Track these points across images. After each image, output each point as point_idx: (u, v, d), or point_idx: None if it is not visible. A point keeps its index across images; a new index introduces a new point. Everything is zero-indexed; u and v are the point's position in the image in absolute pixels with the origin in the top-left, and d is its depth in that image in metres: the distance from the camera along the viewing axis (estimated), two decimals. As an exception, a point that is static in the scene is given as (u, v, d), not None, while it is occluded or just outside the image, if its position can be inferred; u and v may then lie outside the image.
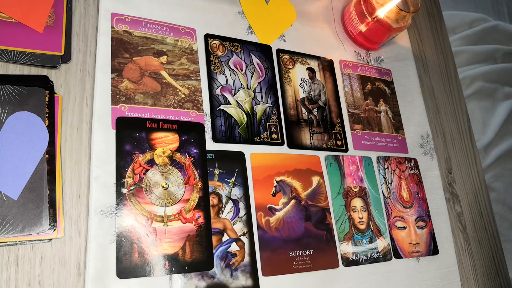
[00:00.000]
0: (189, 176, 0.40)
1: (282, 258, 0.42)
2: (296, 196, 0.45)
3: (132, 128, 0.39)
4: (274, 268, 0.41)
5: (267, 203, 0.43)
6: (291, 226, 0.44)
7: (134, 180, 0.38)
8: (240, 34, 0.50)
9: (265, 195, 0.44)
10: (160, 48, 0.44)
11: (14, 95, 0.36)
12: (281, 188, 0.45)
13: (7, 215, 0.34)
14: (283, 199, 0.44)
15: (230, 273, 0.40)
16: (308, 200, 0.46)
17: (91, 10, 0.43)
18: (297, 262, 0.43)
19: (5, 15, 0.38)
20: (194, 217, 0.39)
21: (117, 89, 0.41)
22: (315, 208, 0.46)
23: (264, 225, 0.42)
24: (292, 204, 0.45)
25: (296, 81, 0.52)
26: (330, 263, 0.44)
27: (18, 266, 0.34)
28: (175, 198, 0.39)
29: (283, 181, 0.45)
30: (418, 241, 0.52)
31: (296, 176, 0.46)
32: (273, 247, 0.42)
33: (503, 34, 1.26)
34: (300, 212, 0.45)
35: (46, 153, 0.36)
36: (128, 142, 0.39)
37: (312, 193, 0.46)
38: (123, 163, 0.38)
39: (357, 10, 0.55)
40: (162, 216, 0.38)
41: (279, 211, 0.44)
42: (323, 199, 0.47)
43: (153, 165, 0.39)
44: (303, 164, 0.46)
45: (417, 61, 0.63)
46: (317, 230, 0.45)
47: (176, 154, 0.40)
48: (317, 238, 0.44)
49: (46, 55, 0.39)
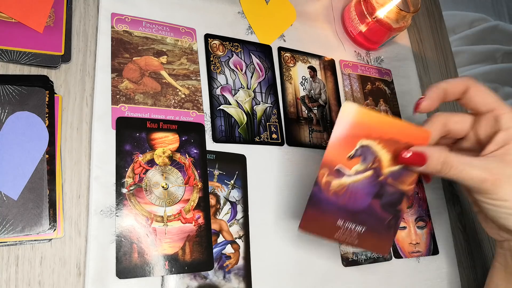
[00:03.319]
0: (189, 176, 0.40)
1: (327, 222, 0.38)
2: (376, 169, 0.38)
3: (132, 128, 0.39)
4: (314, 227, 0.37)
5: (338, 163, 0.37)
6: (353, 196, 0.38)
7: (134, 180, 0.38)
8: (240, 34, 0.50)
9: (340, 154, 0.37)
10: (160, 48, 0.44)
11: (14, 95, 0.36)
12: (362, 154, 0.38)
13: (7, 215, 0.34)
14: (359, 166, 0.38)
15: (223, 275, 0.40)
16: (390, 178, 0.38)
17: (91, 10, 0.43)
18: (342, 233, 0.38)
19: (5, 15, 0.38)
20: (194, 218, 0.39)
21: (117, 89, 0.41)
22: (392, 189, 0.39)
23: (323, 184, 0.37)
24: (367, 175, 0.38)
25: (296, 79, 0.52)
26: (379, 247, 0.39)
27: (18, 266, 0.34)
28: (175, 198, 0.39)
29: (369, 148, 0.38)
30: (418, 241, 0.52)
31: (390, 146, 0.38)
32: (322, 208, 0.37)
33: (503, 34, 1.26)
34: (373, 187, 0.38)
35: (46, 153, 0.36)
36: (128, 142, 0.39)
37: (399, 172, 0.38)
38: (123, 163, 0.38)
39: (357, 10, 0.55)
40: (162, 216, 0.38)
41: (347, 177, 0.38)
42: (409, 182, 0.39)
43: (153, 165, 0.39)
44: (406, 136, 0.38)
45: (417, 61, 0.63)
46: (383, 212, 0.39)
47: (176, 154, 0.40)
48: (378, 220, 0.39)
49: (46, 55, 0.39)
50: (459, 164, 0.35)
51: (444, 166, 0.35)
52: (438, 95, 0.39)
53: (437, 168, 0.36)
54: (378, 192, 0.38)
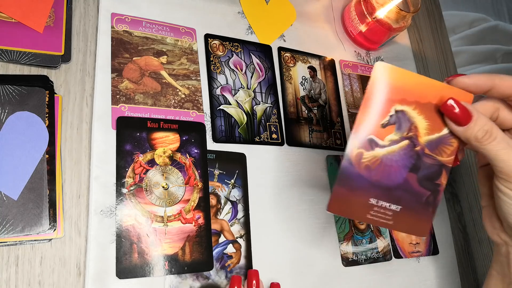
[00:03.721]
0: (189, 176, 0.40)
1: (358, 201, 0.34)
2: (412, 137, 0.34)
3: (132, 128, 0.39)
4: (344, 207, 0.34)
5: (370, 133, 0.33)
6: (387, 170, 0.34)
7: (135, 180, 0.38)
8: (240, 34, 0.50)
9: (372, 122, 0.33)
10: (160, 48, 0.44)
11: (14, 95, 0.36)
12: (397, 121, 0.34)
13: (7, 215, 0.34)
14: (393, 135, 0.34)
15: (225, 274, 0.40)
16: (427, 148, 0.34)
17: (91, 10, 0.43)
18: (375, 213, 0.34)
19: (5, 15, 0.38)
20: (194, 218, 0.39)
21: (117, 89, 0.41)
22: (431, 161, 0.35)
23: (354, 158, 0.33)
24: (403, 145, 0.34)
25: (297, 79, 0.52)
26: (416, 229, 0.35)
27: (18, 266, 0.34)
28: (175, 199, 0.39)
29: (405, 113, 0.34)
30: (418, 241, 0.52)
31: (427, 111, 0.34)
32: (353, 185, 0.34)
33: (503, 34, 1.26)
34: (409, 158, 0.34)
35: (46, 153, 0.36)
36: (129, 142, 0.39)
37: (437, 141, 0.34)
38: (123, 163, 0.38)
39: (357, 10, 0.55)
40: (162, 216, 0.38)
41: (381, 148, 0.34)
42: (449, 153, 0.35)
43: (153, 165, 0.39)
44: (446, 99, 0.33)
45: (417, 61, 0.63)
46: (420, 187, 0.35)
47: (177, 154, 0.40)
48: (415, 196, 0.35)
49: (46, 55, 0.39)
50: (502, 141, 0.33)
51: (486, 135, 0.32)
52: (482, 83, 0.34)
53: (478, 134, 0.32)
54: (415, 164, 0.34)
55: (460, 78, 0.34)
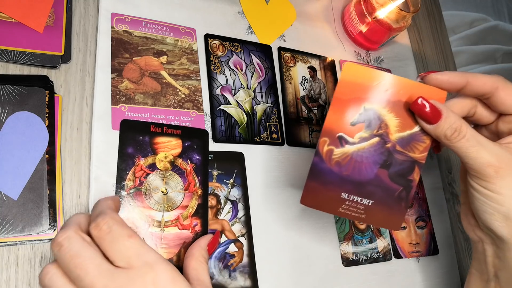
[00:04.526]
0: (189, 182, 0.40)
1: (330, 196, 0.35)
2: (383, 135, 0.35)
3: (135, 131, 0.39)
4: (316, 200, 0.35)
5: (339, 131, 0.34)
6: (358, 166, 0.35)
7: (134, 184, 0.38)
8: (240, 34, 0.50)
9: (341, 120, 0.34)
10: (160, 48, 0.44)
11: (14, 95, 0.36)
12: (366, 119, 0.34)
13: (7, 215, 0.34)
14: (363, 132, 0.35)
15: (228, 274, 0.40)
16: (398, 145, 0.35)
17: (91, 10, 0.43)
18: (347, 207, 0.35)
19: (5, 15, 0.38)
20: (191, 225, 0.39)
21: (117, 89, 0.41)
22: (402, 157, 0.35)
23: (324, 154, 0.34)
24: (373, 142, 0.35)
25: (297, 79, 0.52)
26: (389, 222, 0.36)
27: (18, 266, 0.34)
28: (174, 204, 0.39)
29: (374, 111, 0.34)
30: (418, 241, 0.52)
31: (398, 109, 0.34)
32: (324, 180, 0.35)
33: (503, 34, 1.26)
34: (379, 155, 0.35)
35: (46, 153, 0.36)
36: (131, 145, 0.39)
37: (409, 138, 0.35)
38: (124, 165, 0.38)
39: (357, 10, 0.55)
40: (160, 221, 0.38)
41: (350, 145, 0.35)
42: (421, 149, 0.35)
43: (154, 170, 0.39)
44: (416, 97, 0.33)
45: (417, 61, 0.63)
46: (391, 183, 0.35)
47: (178, 159, 0.40)
48: (387, 191, 0.35)
49: (46, 55, 0.39)
50: (471, 138, 0.33)
51: (455, 133, 0.33)
52: (455, 81, 0.34)
53: (448, 132, 0.33)
54: (386, 160, 0.35)
55: (433, 75, 0.34)
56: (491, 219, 0.34)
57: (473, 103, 0.37)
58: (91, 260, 0.28)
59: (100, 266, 0.28)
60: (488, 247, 0.37)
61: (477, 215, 0.36)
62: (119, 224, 0.30)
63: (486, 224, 0.35)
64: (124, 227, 0.30)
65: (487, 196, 0.34)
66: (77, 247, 0.28)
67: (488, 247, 0.37)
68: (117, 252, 0.29)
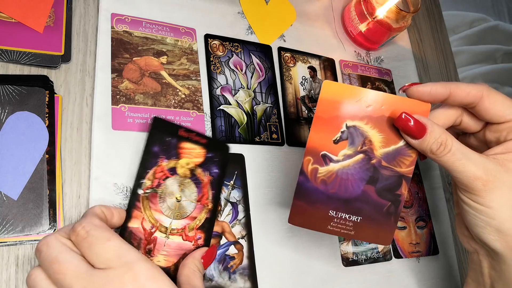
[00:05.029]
0: (203, 194, 0.39)
1: (318, 214, 0.35)
2: (367, 151, 0.34)
3: (165, 132, 0.38)
4: (304, 219, 0.35)
5: (323, 149, 0.34)
6: (344, 183, 0.35)
7: (152, 184, 0.37)
8: (240, 34, 0.50)
9: (323, 138, 0.34)
10: (160, 48, 0.44)
11: (14, 95, 0.36)
12: (349, 136, 0.34)
13: (7, 215, 0.34)
14: (347, 150, 0.34)
15: (228, 276, 0.40)
16: (384, 161, 0.35)
17: (91, 10, 0.43)
18: (335, 224, 0.35)
19: (5, 15, 0.38)
20: (195, 237, 0.38)
21: (117, 89, 0.41)
22: (388, 172, 0.35)
23: (309, 173, 0.34)
24: (358, 159, 0.35)
25: (297, 79, 0.52)
26: (379, 238, 0.36)
27: (18, 266, 0.34)
28: (184, 213, 0.38)
29: (357, 128, 0.34)
30: (418, 241, 0.52)
31: (381, 125, 0.34)
32: (311, 199, 0.35)
33: (503, 34, 1.26)
34: (365, 171, 0.35)
35: (46, 153, 0.36)
36: (158, 144, 0.38)
37: (394, 153, 0.35)
38: (147, 163, 0.37)
39: (357, 10, 0.55)
40: (167, 227, 0.37)
41: (335, 163, 0.34)
42: (407, 163, 0.35)
43: (174, 174, 0.38)
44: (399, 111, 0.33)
45: (417, 61, 0.63)
46: (379, 198, 0.35)
47: (198, 169, 0.39)
48: (375, 207, 0.35)
49: (46, 55, 0.39)
50: (457, 152, 0.32)
51: (441, 147, 0.32)
52: (437, 92, 0.34)
53: (433, 147, 0.32)
54: (372, 176, 0.35)
55: (415, 87, 0.34)
56: (484, 233, 0.34)
57: (459, 112, 0.36)
58: (68, 264, 0.29)
59: (78, 268, 0.28)
60: (484, 259, 0.37)
61: (470, 228, 0.36)
62: (97, 228, 0.30)
63: (479, 237, 0.35)
64: (102, 230, 0.30)
65: (477, 210, 0.33)
66: (55, 252, 0.29)
67: (483, 259, 0.37)
68: (95, 256, 0.29)
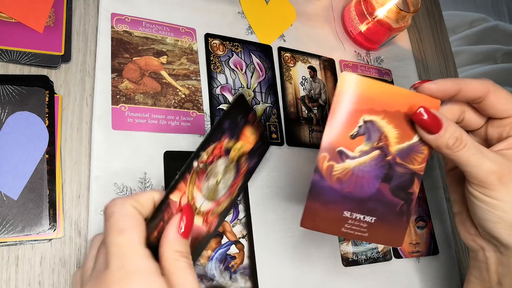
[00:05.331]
0: (236, 182, 0.37)
1: (331, 215, 0.33)
2: (383, 147, 0.34)
3: (241, 110, 0.35)
4: (317, 222, 0.33)
5: (339, 145, 0.33)
6: (359, 181, 0.33)
7: (208, 159, 0.33)
8: (240, 34, 0.50)
9: (340, 134, 0.33)
10: (160, 48, 0.44)
11: (14, 95, 0.36)
12: (366, 131, 0.33)
13: (7, 215, 0.34)
14: (363, 146, 0.33)
15: (229, 275, 0.40)
16: (398, 157, 0.34)
17: (91, 10, 0.43)
18: (350, 226, 0.34)
19: (5, 15, 0.38)
20: (211, 223, 0.36)
21: (117, 89, 0.41)
22: (402, 169, 0.34)
23: (324, 170, 0.32)
24: (374, 155, 0.33)
25: (297, 79, 0.52)
26: (392, 239, 0.35)
27: (18, 266, 0.34)
28: (215, 196, 0.35)
29: (374, 123, 0.33)
30: (418, 241, 0.52)
31: (396, 120, 0.33)
32: (325, 199, 0.33)
33: (503, 34, 1.26)
34: (380, 168, 0.34)
35: (46, 153, 0.36)
36: (231, 120, 0.34)
37: (408, 149, 0.34)
38: (213, 136, 0.33)
39: (357, 10, 0.55)
40: (198, 207, 0.34)
41: (351, 159, 0.33)
42: (420, 160, 0.34)
43: (226, 155, 0.35)
44: (413, 107, 0.33)
45: (417, 61, 0.63)
46: (393, 197, 0.34)
47: (244, 156, 0.37)
48: (388, 206, 0.34)
49: (46, 55, 0.39)
50: (472, 147, 0.32)
51: (457, 142, 0.32)
52: (449, 89, 0.34)
53: (449, 142, 0.32)
54: (387, 174, 0.34)
55: (426, 84, 0.34)
56: (496, 227, 0.34)
57: (462, 108, 0.37)
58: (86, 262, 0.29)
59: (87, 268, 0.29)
60: (491, 255, 0.37)
61: (480, 224, 0.35)
62: (118, 215, 0.28)
63: (490, 233, 0.35)
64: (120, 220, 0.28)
65: (491, 205, 0.33)
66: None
67: (490, 255, 0.37)
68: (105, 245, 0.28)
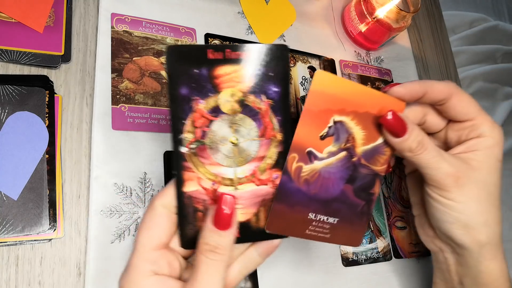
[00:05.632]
0: (265, 126, 0.31)
1: (297, 217, 0.32)
2: (350, 148, 0.33)
3: (189, 62, 0.28)
4: (283, 225, 0.32)
5: (309, 146, 0.32)
6: (325, 183, 0.33)
7: (196, 136, 0.29)
8: (240, 34, 0.50)
9: (311, 134, 0.31)
10: (160, 48, 0.44)
11: (14, 95, 0.36)
12: (335, 132, 0.32)
13: (7, 215, 0.34)
14: (332, 146, 0.33)
15: None
16: (363, 158, 0.34)
17: (91, 10, 0.43)
18: (314, 228, 0.33)
19: (5, 15, 0.38)
20: (271, 178, 0.31)
21: (117, 89, 0.41)
22: (366, 170, 0.34)
23: (293, 172, 0.31)
24: (340, 157, 0.33)
25: (296, 79, 0.52)
26: (351, 239, 0.35)
27: (18, 266, 0.34)
28: (248, 156, 0.31)
29: (343, 124, 0.33)
30: (418, 241, 0.52)
31: (365, 121, 0.33)
32: (292, 201, 0.32)
33: (503, 34, 1.26)
34: (346, 170, 0.33)
35: (46, 153, 0.36)
36: (185, 82, 0.28)
37: (372, 151, 0.34)
38: (179, 113, 0.28)
39: (357, 10, 0.55)
40: (232, 179, 0.31)
41: (319, 161, 0.32)
42: (382, 162, 0.35)
43: (218, 114, 0.30)
44: (381, 108, 0.33)
45: (417, 61, 0.63)
46: (355, 198, 0.34)
47: (249, 96, 0.30)
48: (351, 207, 0.34)
49: (46, 55, 0.39)
50: (433, 150, 0.33)
51: (419, 146, 0.33)
52: (416, 91, 0.35)
53: (412, 145, 0.33)
54: (351, 175, 0.34)
55: (394, 88, 0.35)
56: (452, 228, 0.35)
57: (425, 111, 0.37)
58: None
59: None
60: (449, 256, 0.38)
61: (437, 225, 0.37)
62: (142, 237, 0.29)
63: (446, 234, 0.36)
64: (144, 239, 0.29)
65: (447, 206, 0.34)
66: None
67: (449, 256, 0.38)
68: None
